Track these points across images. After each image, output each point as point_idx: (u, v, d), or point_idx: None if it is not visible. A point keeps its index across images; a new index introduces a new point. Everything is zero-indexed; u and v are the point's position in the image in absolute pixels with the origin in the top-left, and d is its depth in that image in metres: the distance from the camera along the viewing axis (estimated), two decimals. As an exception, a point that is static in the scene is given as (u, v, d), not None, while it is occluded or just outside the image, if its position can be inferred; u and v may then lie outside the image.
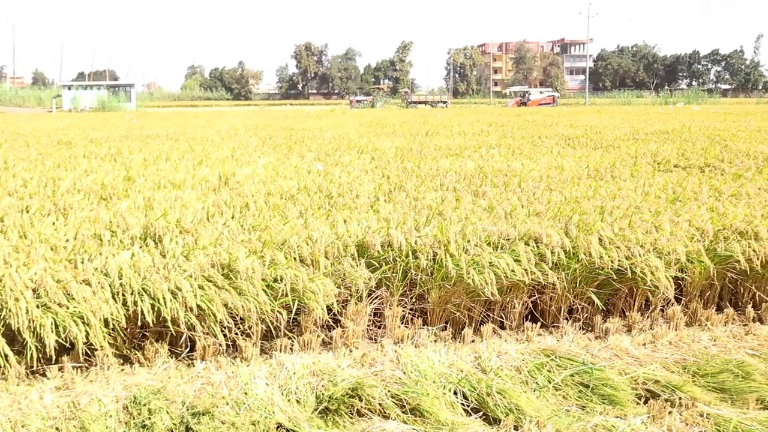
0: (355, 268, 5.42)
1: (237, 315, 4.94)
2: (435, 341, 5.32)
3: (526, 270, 5.40)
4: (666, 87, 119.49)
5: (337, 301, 5.38)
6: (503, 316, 5.69)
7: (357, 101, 78.74)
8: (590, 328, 5.63)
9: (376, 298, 5.56)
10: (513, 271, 5.36)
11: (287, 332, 5.20)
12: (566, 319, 5.75)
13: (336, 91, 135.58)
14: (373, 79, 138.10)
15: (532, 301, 5.79)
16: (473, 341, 5.35)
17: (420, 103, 77.67)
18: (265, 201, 7.60)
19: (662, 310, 5.82)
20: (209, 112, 56.07)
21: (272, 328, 5.08)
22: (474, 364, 4.75)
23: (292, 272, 5.15)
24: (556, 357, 4.77)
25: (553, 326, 5.64)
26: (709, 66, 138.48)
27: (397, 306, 5.53)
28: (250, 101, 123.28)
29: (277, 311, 5.08)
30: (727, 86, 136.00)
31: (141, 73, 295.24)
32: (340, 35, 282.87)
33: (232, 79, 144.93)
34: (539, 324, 5.55)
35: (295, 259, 5.34)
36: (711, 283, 6.01)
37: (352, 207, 7.29)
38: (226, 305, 4.90)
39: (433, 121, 29.32)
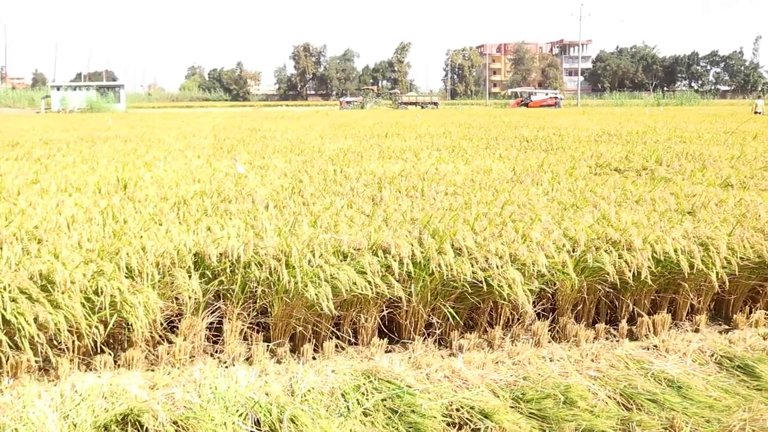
0: (186, 280, 5.04)
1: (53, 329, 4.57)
2: (272, 358, 4.95)
3: (369, 282, 5.02)
4: (658, 88, 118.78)
5: (169, 314, 5.03)
6: (355, 331, 5.31)
7: (347, 102, 78.26)
8: (447, 345, 5.26)
9: (215, 311, 5.19)
10: (355, 283, 4.98)
11: (108, 348, 4.83)
12: (424, 334, 5.37)
13: (334, 92, 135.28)
14: (371, 80, 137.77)
15: (389, 316, 5.42)
16: (314, 358, 4.98)
17: (410, 104, 77.13)
18: (156, 205, 7.25)
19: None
20: (197, 113, 55.84)
21: (97, 344, 4.71)
22: (287, 387, 4.38)
23: (115, 284, 4.77)
24: (375, 379, 4.39)
25: (411, 342, 5.26)
26: (708, 67, 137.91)
27: (237, 320, 5.16)
28: (249, 102, 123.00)
29: (95, 326, 4.71)
30: (726, 88, 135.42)
31: (141, 73, 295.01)
32: (338, 36, 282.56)
33: (231, 80, 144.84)
34: (390, 340, 5.19)
35: (126, 269, 4.97)
36: (584, 296, 5.63)
37: (234, 213, 6.92)
38: (35, 319, 4.52)
39: (407, 122, 28.94)
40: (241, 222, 6.26)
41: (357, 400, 4.16)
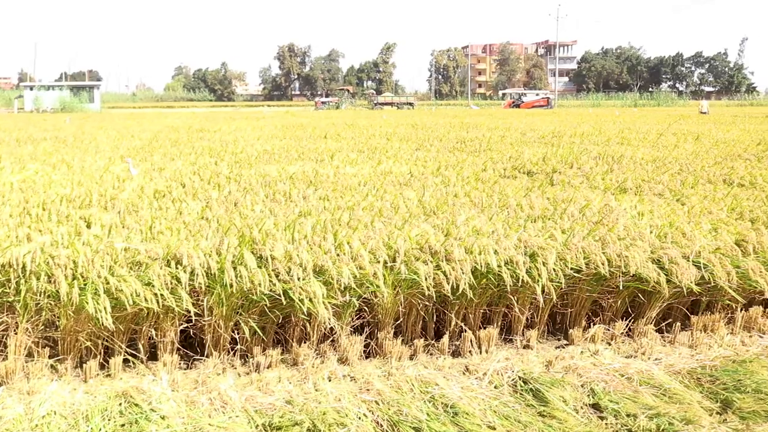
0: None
1: None
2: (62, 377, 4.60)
3: (156, 295, 4.67)
4: (643, 89, 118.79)
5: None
6: (154, 346, 4.97)
7: (322, 103, 77.72)
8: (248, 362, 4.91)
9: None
10: (139, 296, 4.62)
11: None
12: (229, 350, 5.03)
13: (320, 93, 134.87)
14: (356, 81, 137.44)
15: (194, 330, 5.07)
16: (109, 375, 4.64)
17: (386, 104, 76.64)
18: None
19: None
20: (168, 113, 55.38)
21: None
22: (28, 409, 4.01)
23: None
24: (125, 402, 4.04)
25: (204, 360, 4.91)
26: (693, 68, 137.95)
27: (23, 334, 4.80)
28: (232, 103, 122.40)
29: None
30: (710, 89, 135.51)
31: (128, 73, 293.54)
32: (323, 36, 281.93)
33: (215, 80, 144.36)
34: (183, 356, 4.85)
35: None
36: (406, 310, 5.29)
37: (77, 219, 6.55)
38: None
39: (363, 123, 28.60)
40: (69, 229, 5.89)
41: (97, 426, 3.80)
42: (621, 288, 5.39)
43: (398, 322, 5.34)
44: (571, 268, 5.25)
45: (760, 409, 4.09)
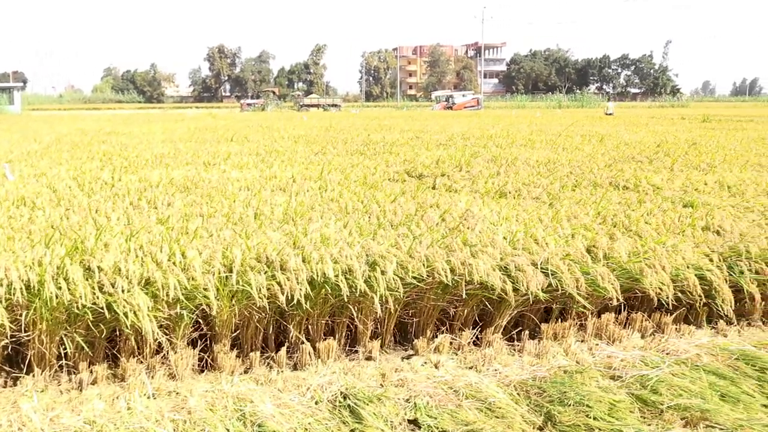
0: None
1: None
2: None
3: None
4: (564, 91, 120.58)
5: None
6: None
7: (248, 104, 77.03)
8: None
9: None
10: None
11: None
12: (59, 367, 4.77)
13: (250, 94, 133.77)
14: (287, 82, 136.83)
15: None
16: None
17: (312, 106, 76.19)
18: None
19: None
20: (93, 115, 54.34)
21: None
22: None
23: None
24: None
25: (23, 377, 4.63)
26: (619, 70, 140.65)
27: None
28: (161, 105, 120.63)
29: None
30: (636, 90, 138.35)
31: (56, 75, 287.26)
32: (253, 38, 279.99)
33: (145, 82, 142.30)
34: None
35: None
36: (245, 322, 5.08)
37: None
38: None
39: (279, 125, 28.33)
40: None
41: None
42: (465, 297, 5.27)
43: (238, 333, 5.14)
44: (413, 277, 5.10)
45: (580, 423, 3.98)
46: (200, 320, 5.04)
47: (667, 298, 5.49)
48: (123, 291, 4.64)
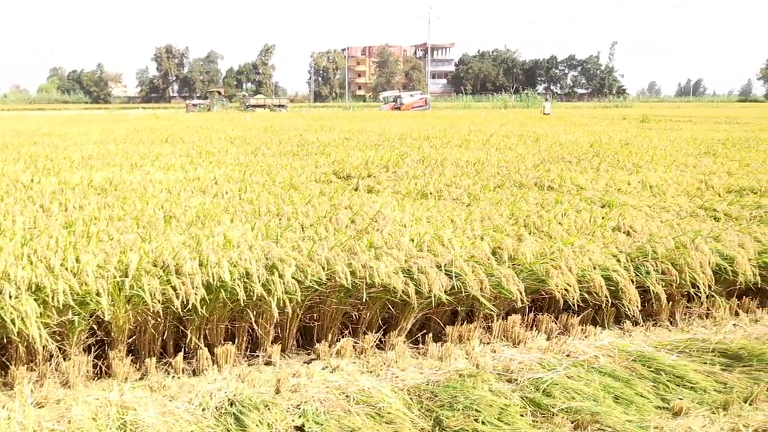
0: None
1: None
2: None
3: None
4: (511, 91, 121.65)
5: None
6: None
7: (193, 105, 76.31)
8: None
9: None
10: None
11: None
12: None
13: (198, 94, 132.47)
14: (235, 83, 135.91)
15: None
16: None
17: (259, 106, 75.63)
18: None
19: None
20: (34, 116, 53.51)
21: None
22: None
23: None
24: None
25: None
26: (566, 71, 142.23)
27: None
28: (107, 105, 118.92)
29: None
30: (583, 90, 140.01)
31: (1, 75, 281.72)
32: (201, 38, 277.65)
33: (91, 82, 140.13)
34: None
35: None
36: (141, 327, 4.98)
37: None
38: None
39: (219, 126, 28.10)
40: None
41: None
42: (367, 300, 5.23)
43: (134, 339, 5.04)
44: (313, 280, 5.05)
45: (468, 428, 3.96)
46: (95, 326, 4.93)
47: (573, 299, 5.50)
48: (10, 297, 4.52)
